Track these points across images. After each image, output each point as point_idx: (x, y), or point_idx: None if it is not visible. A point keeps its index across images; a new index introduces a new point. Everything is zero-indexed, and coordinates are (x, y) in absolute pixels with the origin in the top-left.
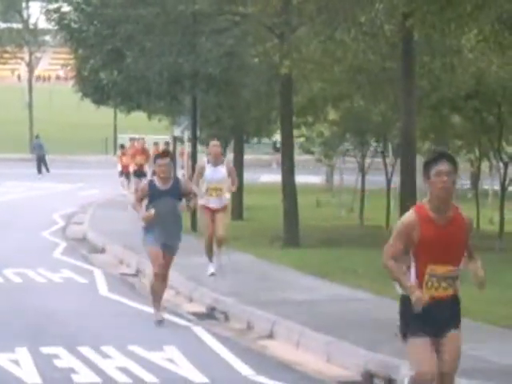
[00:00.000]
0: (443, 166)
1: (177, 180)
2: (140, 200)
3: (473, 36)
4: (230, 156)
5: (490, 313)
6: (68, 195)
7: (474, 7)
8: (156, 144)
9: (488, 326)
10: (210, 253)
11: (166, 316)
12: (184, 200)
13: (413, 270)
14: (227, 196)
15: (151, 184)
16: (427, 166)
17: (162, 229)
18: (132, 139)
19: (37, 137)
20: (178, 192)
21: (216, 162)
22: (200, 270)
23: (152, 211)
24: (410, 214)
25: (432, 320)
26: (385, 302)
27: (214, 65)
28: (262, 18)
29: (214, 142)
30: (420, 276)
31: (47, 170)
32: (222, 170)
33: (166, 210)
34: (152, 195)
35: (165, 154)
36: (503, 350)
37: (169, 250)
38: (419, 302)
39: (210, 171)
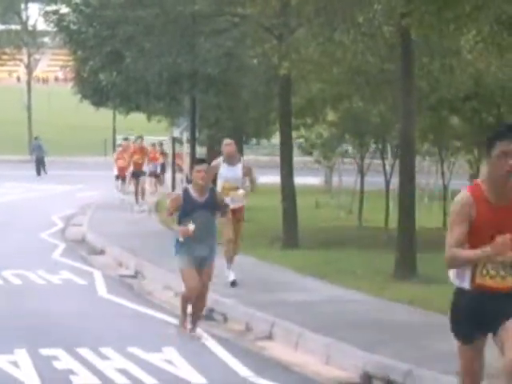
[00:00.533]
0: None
1: (212, 190)
2: (172, 213)
3: (471, 37)
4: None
5: None
6: (67, 197)
7: (472, 8)
8: (154, 145)
9: None
10: (230, 258)
11: (164, 317)
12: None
13: None
14: (241, 193)
15: (186, 194)
16: (491, 142)
17: (199, 244)
18: (126, 139)
19: (36, 138)
20: (214, 205)
21: (231, 160)
22: None
23: (191, 227)
24: (463, 194)
25: (486, 316)
26: (383, 303)
27: (213, 65)
28: (261, 19)
29: (228, 141)
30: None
31: (45, 171)
32: (238, 169)
33: (204, 225)
34: (186, 207)
35: (202, 160)
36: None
37: (207, 263)
38: (502, 246)
39: (225, 170)
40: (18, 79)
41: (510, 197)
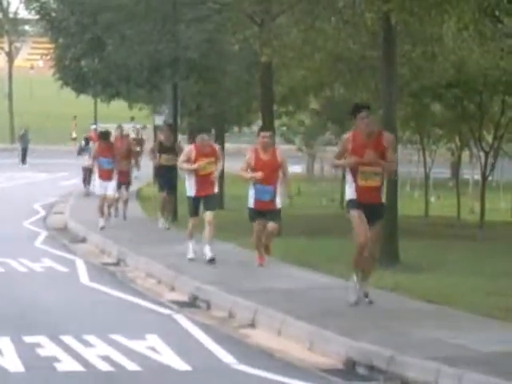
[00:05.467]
0: None
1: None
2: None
3: (453, 24)
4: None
5: (473, 302)
6: (49, 185)
7: None
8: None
9: (471, 315)
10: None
11: (147, 304)
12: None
13: None
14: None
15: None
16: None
17: None
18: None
19: (25, 129)
20: None
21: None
22: (181, 259)
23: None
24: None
25: None
26: None
27: (194, 50)
28: (243, 5)
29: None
30: None
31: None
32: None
33: None
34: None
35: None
36: (486, 339)
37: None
38: None
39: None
40: None
41: None
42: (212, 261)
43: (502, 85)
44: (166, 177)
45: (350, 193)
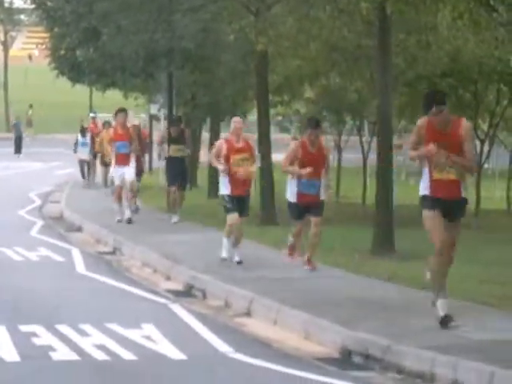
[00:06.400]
0: None
1: None
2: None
3: (448, 13)
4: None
5: (468, 290)
6: (44, 174)
7: None
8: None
9: (465, 303)
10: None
11: (143, 294)
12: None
13: None
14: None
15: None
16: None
17: None
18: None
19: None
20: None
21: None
22: (177, 248)
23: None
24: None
25: None
26: (361, 279)
27: (190, 40)
28: None
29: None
30: None
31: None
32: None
33: None
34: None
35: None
36: (480, 327)
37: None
38: None
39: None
40: None
41: None
42: (240, 263)
43: (496, 74)
44: (177, 169)
45: (423, 187)
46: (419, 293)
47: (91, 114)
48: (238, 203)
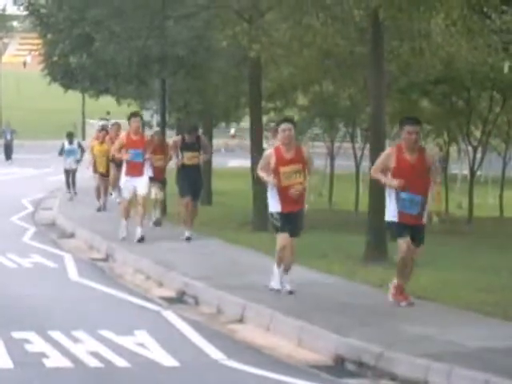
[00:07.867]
0: None
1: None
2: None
3: (441, 20)
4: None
5: (462, 297)
6: (37, 180)
7: None
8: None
9: (458, 310)
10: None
11: (136, 300)
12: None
13: None
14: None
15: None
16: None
17: None
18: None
19: (5, 124)
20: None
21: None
22: (169, 255)
23: None
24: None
25: None
26: (355, 286)
27: (182, 46)
28: (231, 1)
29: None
30: None
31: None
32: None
33: None
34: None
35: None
36: (473, 334)
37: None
38: None
39: None
40: None
41: None
42: (291, 293)
43: (489, 81)
44: (191, 179)
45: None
46: (413, 300)
47: (101, 122)
48: (290, 221)
